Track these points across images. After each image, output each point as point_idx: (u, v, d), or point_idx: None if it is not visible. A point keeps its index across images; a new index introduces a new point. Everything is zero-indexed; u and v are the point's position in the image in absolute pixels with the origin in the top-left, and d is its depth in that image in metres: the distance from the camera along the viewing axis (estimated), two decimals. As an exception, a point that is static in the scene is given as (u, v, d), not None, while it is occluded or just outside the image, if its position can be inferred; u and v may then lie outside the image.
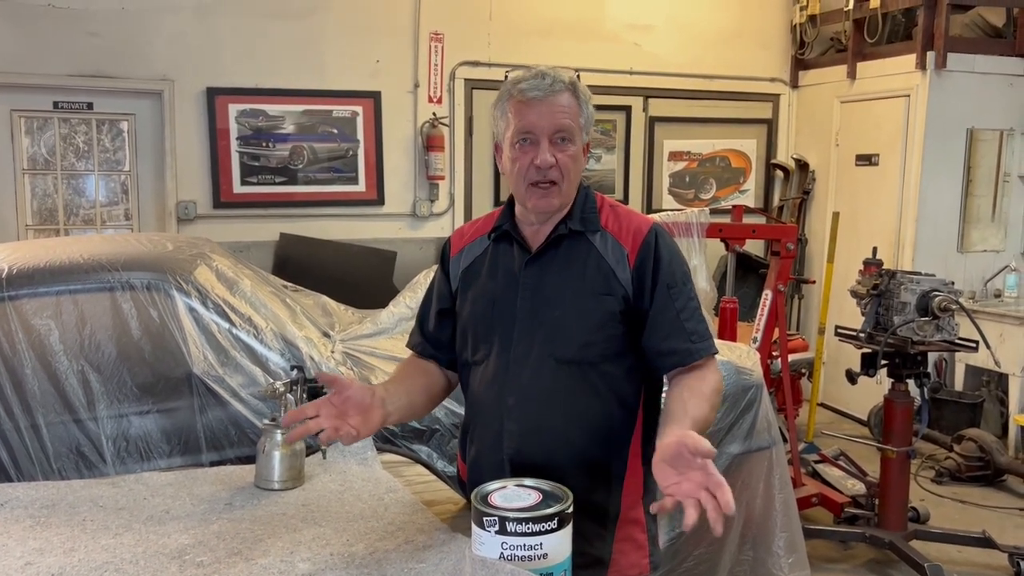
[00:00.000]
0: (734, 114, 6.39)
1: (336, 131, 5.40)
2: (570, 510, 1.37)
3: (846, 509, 4.07)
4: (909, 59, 5.47)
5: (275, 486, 1.88)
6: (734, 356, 3.23)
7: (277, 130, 5.27)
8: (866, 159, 5.89)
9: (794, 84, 6.49)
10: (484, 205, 5.67)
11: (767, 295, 4.24)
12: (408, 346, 1.96)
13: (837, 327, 4.13)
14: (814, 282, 5.91)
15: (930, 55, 5.36)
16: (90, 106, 5.00)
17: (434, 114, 5.54)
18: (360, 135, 5.44)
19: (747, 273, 5.81)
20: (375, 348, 3.09)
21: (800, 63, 6.43)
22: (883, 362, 3.81)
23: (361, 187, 5.48)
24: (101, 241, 3.17)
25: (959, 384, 5.53)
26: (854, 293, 4.00)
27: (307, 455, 1.98)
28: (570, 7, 5.84)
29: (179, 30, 5.04)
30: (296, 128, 5.30)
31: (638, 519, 1.75)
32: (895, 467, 3.84)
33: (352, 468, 2.00)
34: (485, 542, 1.33)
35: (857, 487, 4.23)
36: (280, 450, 1.88)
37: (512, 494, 1.39)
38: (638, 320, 1.71)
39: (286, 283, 3.71)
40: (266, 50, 5.21)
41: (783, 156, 6.56)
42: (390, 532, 1.66)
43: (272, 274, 4.14)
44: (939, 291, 3.70)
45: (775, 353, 4.38)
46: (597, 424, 1.71)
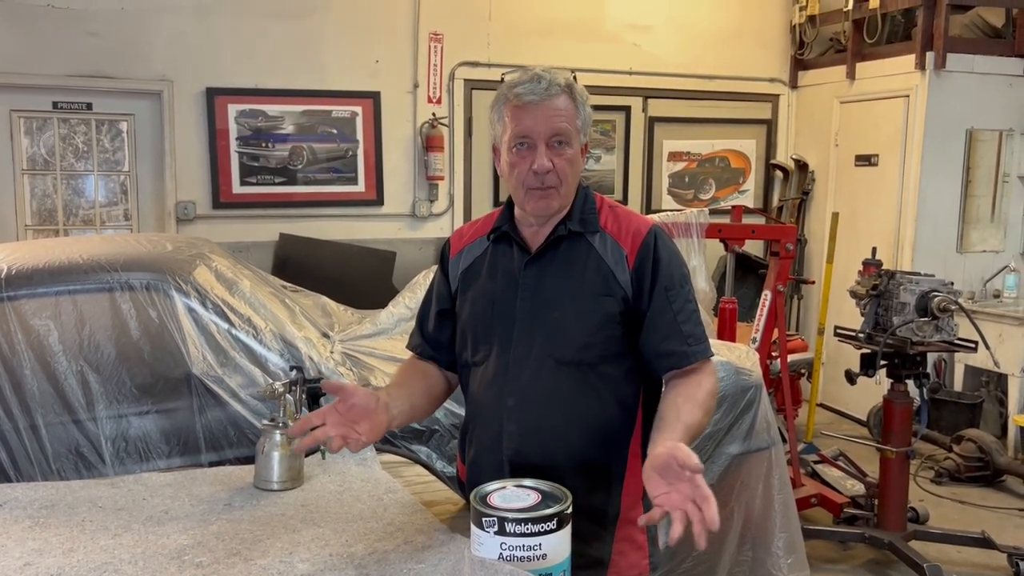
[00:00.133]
0: (733, 114, 6.39)
1: (335, 131, 5.39)
2: (569, 511, 1.37)
3: (845, 509, 4.07)
4: (908, 59, 5.48)
5: (274, 487, 1.88)
6: (733, 356, 3.23)
7: (276, 130, 5.27)
8: (865, 159, 5.89)
9: (793, 84, 6.49)
10: (483, 205, 5.67)
11: (766, 295, 4.24)
12: (408, 347, 1.96)
13: (836, 327, 4.13)
14: (813, 282, 5.91)
15: (929, 55, 5.36)
16: (89, 106, 5.00)
17: (433, 114, 5.54)
18: (359, 135, 5.44)
19: (746, 273, 5.81)
20: (374, 349, 3.09)
21: (799, 63, 6.44)
22: (882, 362, 3.81)
23: (360, 187, 5.48)
24: (100, 241, 3.17)
25: (958, 384, 5.53)
26: (853, 293, 4.00)
27: (306, 456, 1.98)
28: (570, 7, 5.84)
29: (179, 30, 5.04)
30: (295, 128, 5.30)
31: (638, 520, 1.75)
32: (894, 467, 3.85)
33: (351, 469, 2.00)
34: (484, 543, 1.33)
35: (856, 487, 4.22)
36: (279, 451, 1.88)
37: (511, 495, 1.39)
38: (637, 321, 1.71)
39: (285, 283, 3.70)
40: (266, 50, 5.21)
41: (782, 156, 6.56)
42: (389, 533, 1.66)
43: (271, 274, 4.14)
44: (938, 291, 3.71)
45: (774, 353, 4.38)
46: (597, 425, 1.72)
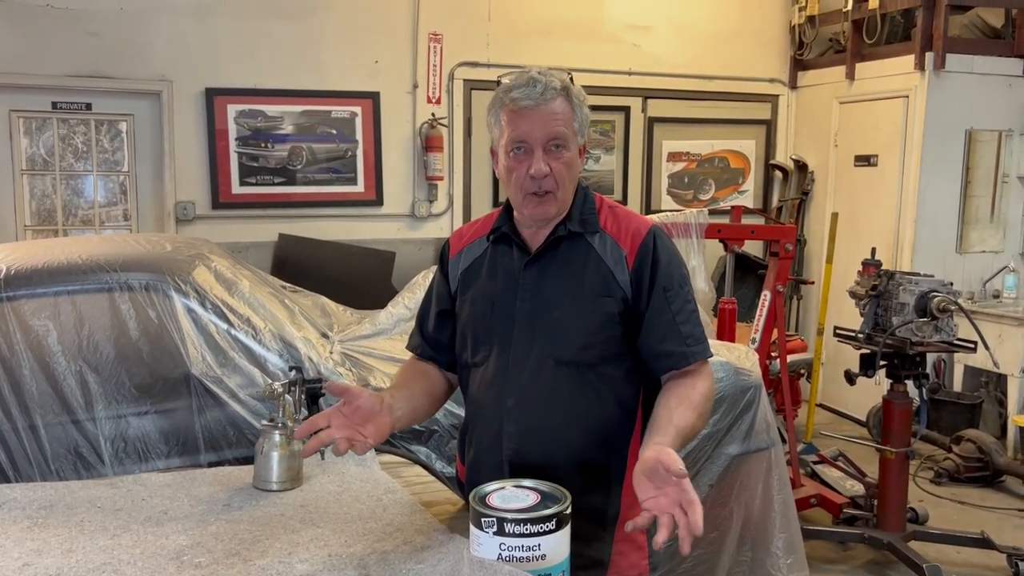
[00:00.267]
0: (733, 115, 6.39)
1: (335, 132, 5.39)
2: (568, 511, 1.37)
3: (845, 510, 4.07)
4: (908, 60, 5.48)
5: (273, 487, 1.87)
6: (733, 357, 3.22)
7: (276, 131, 5.27)
8: (865, 160, 5.89)
9: (793, 85, 6.49)
10: (483, 206, 5.67)
11: (766, 296, 4.24)
12: (408, 348, 1.96)
13: (836, 328, 4.13)
14: (813, 283, 5.92)
15: (929, 56, 5.37)
16: (89, 106, 4.99)
17: (433, 115, 5.54)
18: (359, 136, 5.44)
19: (746, 274, 5.81)
20: (373, 349, 3.09)
21: (799, 64, 6.44)
22: (882, 363, 3.81)
23: (360, 188, 5.48)
24: (100, 242, 3.17)
25: (958, 385, 5.53)
26: (853, 294, 4.00)
27: (305, 457, 1.97)
28: (569, 8, 5.84)
29: (178, 30, 5.04)
30: (295, 129, 5.30)
31: (625, 526, 1.75)
32: (894, 468, 3.84)
33: (350, 469, 2.00)
34: (483, 543, 1.33)
35: (856, 488, 4.22)
36: (278, 451, 1.88)
37: (510, 495, 1.39)
38: (636, 322, 1.71)
39: (285, 284, 3.70)
40: (265, 50, 5.21)
41: (782, 157, 6.56)
42: (388, 533, 1.65)
43: (271, 275, 4.14)
44: (938, 292, 3.71)
45: (774, 354, 4.38)
46: (596, 425, 1.71)
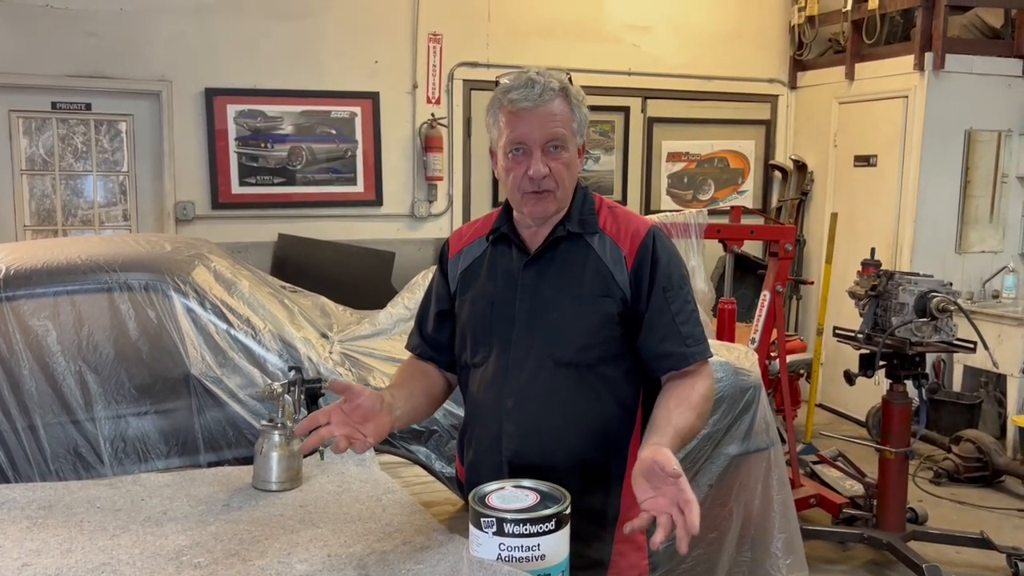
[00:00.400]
0: (732, 115, 6.39)
1: (334, 132, 5.39)
2: (568, 511, 1.37)
3: (844, 510, 4.06)
4: (907, 60, 5.48)
5: (273, 487, 1.87)
6: (732, 357, 3.22)
7: (275, 131, 5.27)
8: (864, 160, 5.89)
9: (792, 85, 6.49)
10: (482, 206, 5.67)
11: (765, 296, 4.24)
12: (407, 348, 1.96)
13: (835, 328, 4.13)
14: (812, 283, 5.91)
15: (928, 56, 5.37)
16: (88, 107, 4.99)
17: (432, 115, 5.54)
18: (359, 136, 5.44)
19: (745, 274, 5.81)
20: (373, 349, 3.09)
21: (798, 64, 6.44)
22: (881, 363, 3.81)
23: (359, 188, 5.48)
24: (99, 242, 3.17)
25: (957, 385, 5.53)
26: (852, 294, 4.00)
27: (305, 456, 1.97)
28: (569, 8, 5.84)
29: (178, 31, 5.04)
30: (294, 129, 5.30)
31: (623, 528, 1.75)
32: (893, 468, 3.85)
33: (350, 469, 2.00)
34: (483, 543, 1.33)
35: (855, 488, 4.22)
36: (278, 451, 1.88)
37: (510, 495, 1.39)
38: (636, 322, 1.71)
39: (284, 284, 3.70)
40: (265, 51, 5.21)
41: (781, 157, 6.56)
42: (388, 533, 1.65)
43: (270, 275, 4.14)
44: (937, 292, 3.71)
45: (773, 354, 4.38)
46: (596, 426, 1.72)
